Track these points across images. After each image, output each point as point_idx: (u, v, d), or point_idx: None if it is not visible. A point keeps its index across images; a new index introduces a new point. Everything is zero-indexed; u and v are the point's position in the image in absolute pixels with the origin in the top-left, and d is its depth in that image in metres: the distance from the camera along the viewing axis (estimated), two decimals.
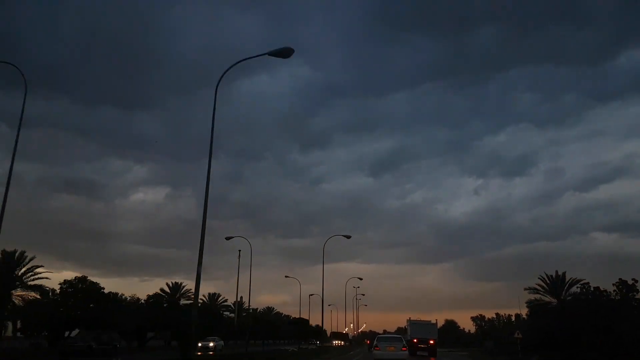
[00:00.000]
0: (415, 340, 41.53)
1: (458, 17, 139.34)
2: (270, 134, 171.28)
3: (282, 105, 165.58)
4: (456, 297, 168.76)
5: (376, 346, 25.64)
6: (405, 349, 25.19)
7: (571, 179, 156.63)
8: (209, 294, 74.54)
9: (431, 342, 41.23)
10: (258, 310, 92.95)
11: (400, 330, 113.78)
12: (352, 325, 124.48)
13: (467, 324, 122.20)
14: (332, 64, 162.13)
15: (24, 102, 22.35)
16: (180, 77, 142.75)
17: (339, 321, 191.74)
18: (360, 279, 64.25)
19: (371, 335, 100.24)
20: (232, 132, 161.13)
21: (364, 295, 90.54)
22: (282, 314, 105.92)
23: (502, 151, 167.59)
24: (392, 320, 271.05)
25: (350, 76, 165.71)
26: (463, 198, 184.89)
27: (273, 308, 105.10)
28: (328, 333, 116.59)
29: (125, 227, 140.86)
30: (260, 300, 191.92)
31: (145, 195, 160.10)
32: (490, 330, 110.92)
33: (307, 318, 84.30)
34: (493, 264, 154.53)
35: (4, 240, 38.90)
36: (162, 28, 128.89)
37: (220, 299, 74.25)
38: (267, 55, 18.80)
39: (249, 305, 70.71)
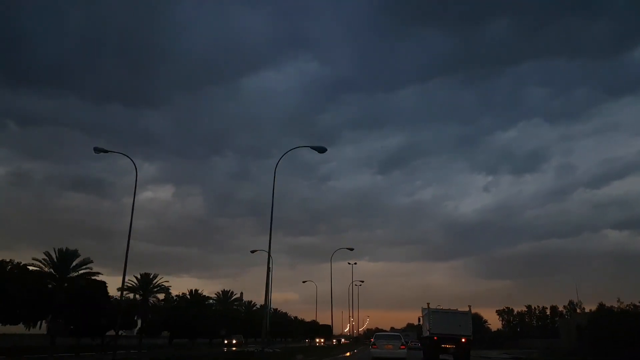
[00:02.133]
0: (436, 338, 27.06)
1: (469, 10, 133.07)
2: (278, 131, 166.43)
3: (290, 102, 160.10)
4: (466, 294, 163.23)
5: (374, 344, 24.62)
6: (404, 347, 24.21)
7: (583, 175, 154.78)
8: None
9: (463, 340, 26.85)
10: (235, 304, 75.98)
11: (409, 327, 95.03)
12: (352, 320, 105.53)
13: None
14: (341, 59, 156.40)
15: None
16: (187, 74, 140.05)
17: (342, 319, 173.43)
18: (352, 249, 51.96)
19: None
20: (239, 129, 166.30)
21: (362, 282, 73.72)
22: (277, 310, 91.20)
23: (512, 147, 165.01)
24: (400, 318, 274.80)
25: (358, 71, 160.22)
26: (473, 195, 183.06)
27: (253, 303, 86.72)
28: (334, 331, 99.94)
29: (133, 225, 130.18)
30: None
31: (154, 194, 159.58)
32: (521, 325, 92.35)
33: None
34: (503, 262, 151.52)
35: None
36: (168, 24, 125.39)
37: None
38: None
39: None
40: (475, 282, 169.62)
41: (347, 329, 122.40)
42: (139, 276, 43.31)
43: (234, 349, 43.91)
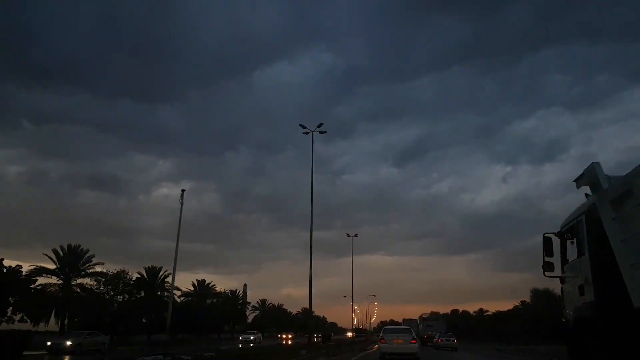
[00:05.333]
0: None
1: None
2: (292, 125, 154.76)
3: (304, 94, 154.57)
4: (484, 288, 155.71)
5: (382, 339, 22.33)
6: (415, 341, 21.81)
7: (604, 165, 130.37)
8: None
9: None
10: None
11: (433, 316, 77.16)
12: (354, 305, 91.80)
13: None
14: (355, 49, 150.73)
15: None
16: (200, 68, 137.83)
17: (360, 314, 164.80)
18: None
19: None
20: (253, 123, 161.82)
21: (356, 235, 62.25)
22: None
23: (532, 136, 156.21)
24: (416, 312, 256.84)
25: (374, 61, 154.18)
26: (491, 186, 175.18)
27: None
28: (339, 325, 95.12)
29: (149, 222, 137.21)
30: (284, 294, 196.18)
31: (169, 190, 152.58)
32: None
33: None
34: (522, 255, 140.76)
35: None
36: (181, 19, 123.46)
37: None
38: None
39: None
40: (492, 275, 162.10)
41: (355, 323, 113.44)
42: None
43: None
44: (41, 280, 39.84)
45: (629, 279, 6.91)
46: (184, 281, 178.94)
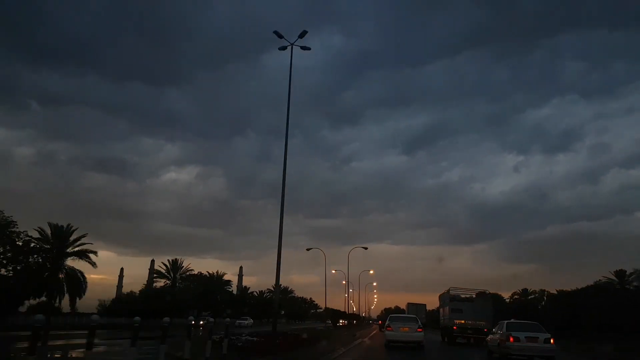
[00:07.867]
0: None
1: None
2: (300, 110, 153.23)
3: (313, 79, 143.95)
4: (489, 278, 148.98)
5: (388, 326, 23.10)
6: (421, 329, 22.19)
7: (618, 155, 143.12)
8: None
9: None
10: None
11: (453, 296, 48.68)
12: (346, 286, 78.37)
13: None
14: (366, 33, 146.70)
15: None
16: (209, 51, 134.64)
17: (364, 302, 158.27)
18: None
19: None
20: (261, 108, 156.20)
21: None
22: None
23: (545, 125, 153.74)
24: (420, 301, 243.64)
25: (384, 45, 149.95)
26: (502, 176, 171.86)
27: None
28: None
29: (157, 206, 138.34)
30: (288, 280, 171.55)
31: (177, 175, 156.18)
32: None
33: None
34: (531, 245, 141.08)
35: None
36: (190, 0, 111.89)
37: None
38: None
39: None
40: (499, 266, 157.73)
41: (353, 310, 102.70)
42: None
43: None
44: None
45: None
46: (197, 267, 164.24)
